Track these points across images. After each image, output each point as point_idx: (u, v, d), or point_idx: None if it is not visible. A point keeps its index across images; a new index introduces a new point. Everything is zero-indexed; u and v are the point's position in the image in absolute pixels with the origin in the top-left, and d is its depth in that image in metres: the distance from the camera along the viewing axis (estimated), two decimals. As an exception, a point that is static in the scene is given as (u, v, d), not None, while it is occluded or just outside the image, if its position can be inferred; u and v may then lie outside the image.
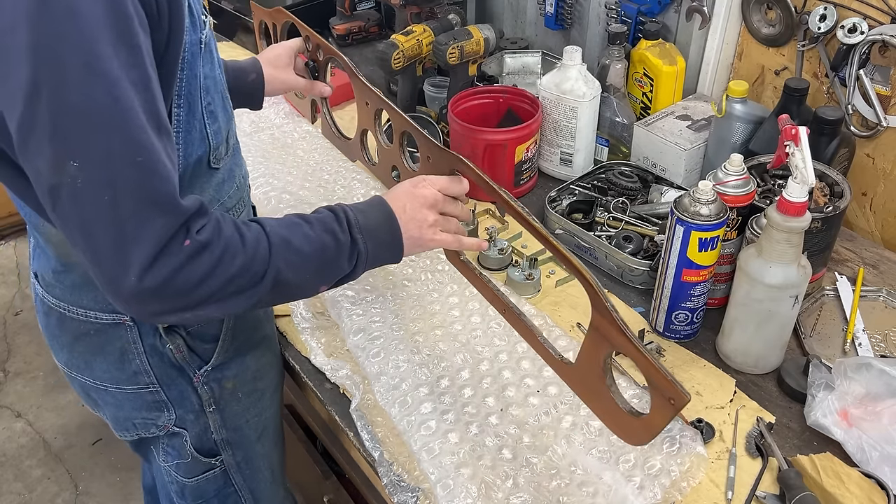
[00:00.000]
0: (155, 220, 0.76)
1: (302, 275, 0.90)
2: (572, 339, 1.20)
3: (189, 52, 0.85)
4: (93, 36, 0.70)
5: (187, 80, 0.86)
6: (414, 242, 1.01)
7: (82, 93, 0.70)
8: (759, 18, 1.51)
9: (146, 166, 0.75)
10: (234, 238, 0.83)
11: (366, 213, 0.98)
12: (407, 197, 1.02)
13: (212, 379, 1.10)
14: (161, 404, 1.08)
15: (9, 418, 2.53)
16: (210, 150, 0.94)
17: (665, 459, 0.99)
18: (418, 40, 1.65)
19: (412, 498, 0.99)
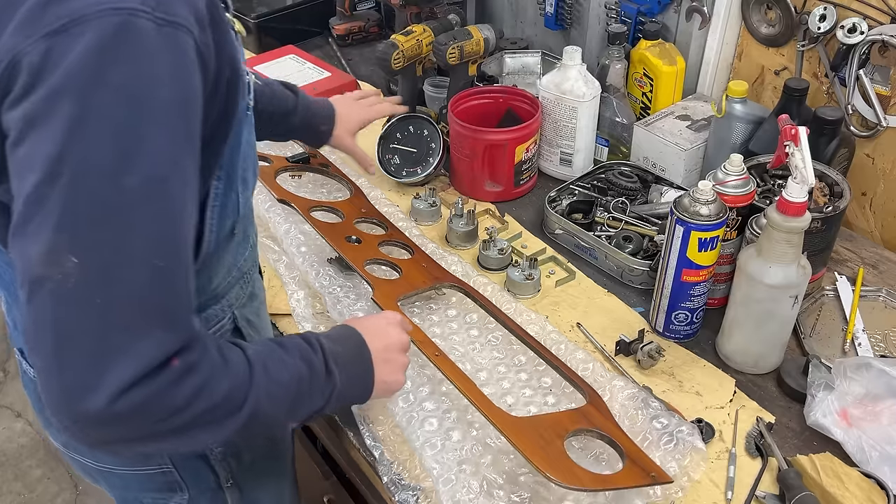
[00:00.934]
0: (152, 335, 0.65)
1: (277, 407, 0.79)
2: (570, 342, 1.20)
3: (236, 121, 0.78)
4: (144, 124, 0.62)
5: (231, 150, 0.79)
6: (384, 387, 0.94)
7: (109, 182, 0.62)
8: (758, 18, 1.51)
9: (165, 273, 0.65)
10: (218, 360, 0.73)
11: (340, 343, 0.89)
12: (385, 336, 0.95)
13: (229, 454, 1.01)
14: (174, 485, 1.00)
15: (9, 418, 2.53)
16: (237, 220, 0.86)
17: (663, 456, 0.99)
18: (418, 40, 1.65)
19: (413, 496, 0.99)
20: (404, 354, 0.98)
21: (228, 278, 0.93)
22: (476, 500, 0.95)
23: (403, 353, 0.98)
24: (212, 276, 0.89)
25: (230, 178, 0.81)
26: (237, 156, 0.81)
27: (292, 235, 1.37)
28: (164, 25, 0.63)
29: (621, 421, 1.02)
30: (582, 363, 1.13)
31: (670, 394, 1.12)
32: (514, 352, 1.17)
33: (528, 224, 1.48)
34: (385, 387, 0.94)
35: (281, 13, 2.15)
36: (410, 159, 1.54)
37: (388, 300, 1.18)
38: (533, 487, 0.98)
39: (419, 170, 1.55)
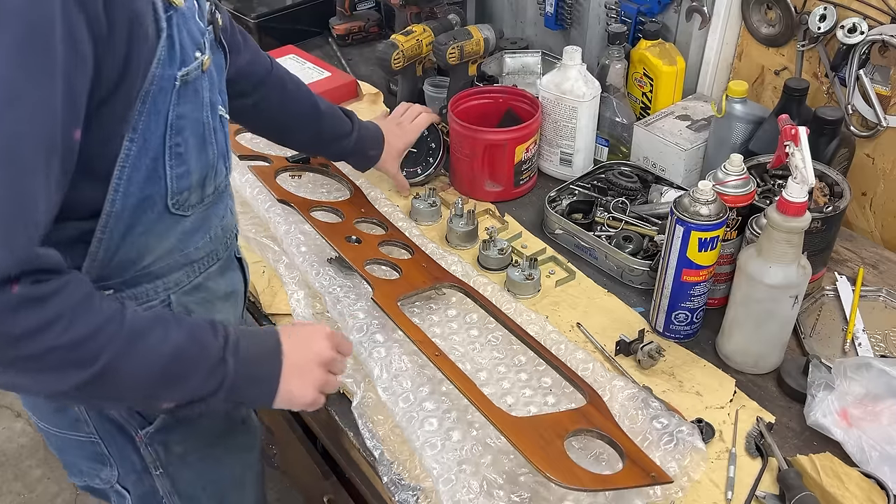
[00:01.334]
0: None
1: (144, 375, 0.78)
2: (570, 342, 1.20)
3: (156, 87, 0.78)
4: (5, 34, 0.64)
5: (147, 115, 0.79)
6: (288, 397, 0.90)
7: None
8: (758, 18, 1.51)
9: (8, 185, 0.66)
10: (78, 307, 0.72)
11: (250, 338, 0.88)
12: (303, 347, 0.92)
13: (156, 441, 1.00)
14: (102, 457, 1.01)
15: (9, 418, 2.53)
16: (168, 194, 0.85)
17: (663, 456, 0.99)
18: (418, 40, 1.65)
19: (413, 496, 0.99)
20: (321, 370, 0.93)
21: (168, 260, 0.91)
22: (476, 500, 0.95)
23: (321, 369, 0.93)
24: (143, 252, 0.87)
25: (146, 144, 0.81)
26: (157, 124, 0.81)
27: (292, 235, 1.37)
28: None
29: (621, 421, 1.02)
30: (582, 363, 1.13)
31: (670, 394, 1.12)
32: (514, 352, 1.17)
33: (528, 224, 1.48)
34: (289, 397, 0.90)
35: (281, 13, 2.15)
36: (410, 159, 1.54)
37: (388, 300, 1.18)
38: (533, 487, 0.98)
39: (419, 170, 1.55)
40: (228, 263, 1.05)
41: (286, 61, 1.97)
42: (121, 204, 0.82)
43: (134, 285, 0.89)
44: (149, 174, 0.83)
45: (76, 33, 0.68)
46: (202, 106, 0.87)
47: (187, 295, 0.96)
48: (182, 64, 0.81)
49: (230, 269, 1.06)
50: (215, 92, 0.92)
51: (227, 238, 1.03)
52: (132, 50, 0.74)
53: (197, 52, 0.84)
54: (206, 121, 0.88)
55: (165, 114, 0.81)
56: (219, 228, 0.99)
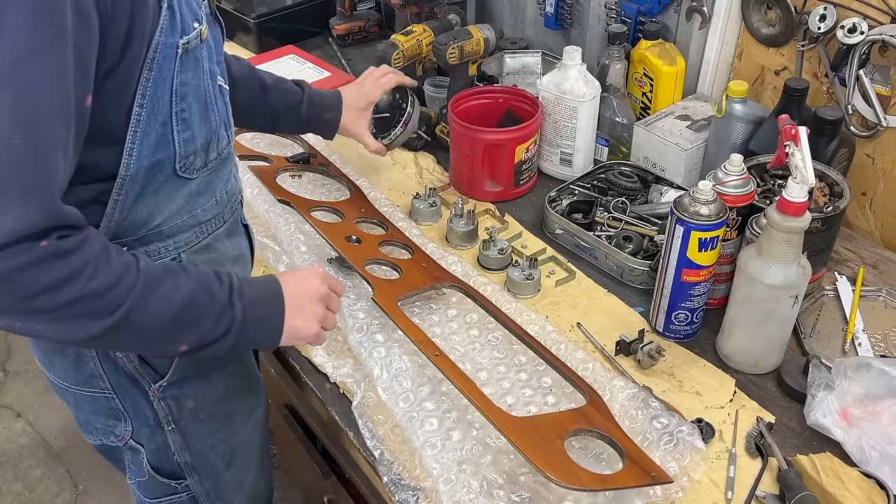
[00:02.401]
0: (14, 209, 0.70)
1: (160, 322, 0.83)
2: (570, 342, 1.20)
3: (160, 55, 0.83)
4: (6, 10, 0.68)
5: (154, 82, 0.84)
6: (294, 333, 0.96)
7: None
8: (758, 18, 1.51)
9: (23, 151, 0.70)
10: (99, 257, 0.78)
11: (252, 284, 0.93)
12: (299, 285, 0.98)
13: (168, 395, 1.04)
14: (117, 412, 1.05)
15: (9, 418, 2.53)
16: (176, 157, 0.90)
17: (663, 456, 0.99)
18: (418, 40, 1.65)
19: (413, 496, 0.99)
20: (320, 305, 0.99)
21: (177, 220, 0.96)
22: (476, 500, 0.95)
23: (319, 304, 0.99)
24: (153, 213, 0.92)
25: (155, 109, 0.85)
26: (164, 90, 0.85)
27: (292, 235, 1.37)
28: None
29: (621, 421, 1.02)
30: (582, 363, 1.13)
31: (670, 394, 1.12)
32: (514, 352, 1.17)
33: (528, 224, 1.48)
34: (294, 332, 0.96)
35: (281, 13, 2.15)
36: (382, 123, 1.52)
37: (388, 300, 1.18)
38: (533, 487, 0.98)
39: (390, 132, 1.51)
40: (235, 227, 1.09)
41: (286, 61, 1.97)
42: (135, 167, 0.87)
43: (147, 243, 0.94)
44: (159, 139, 0.88)
45: (84, 6, 0.72)
46: (203, 74, 0.91)
47: (196, 254, 1.01)
48: (182, 33, 0.86)
49: (237, 234, 1.10)
50: (214, 62, 0.96)
51: (232, 202, 1.07)
52: (134, 22, 0.78)
53: (195, 22, 0.88)
54: (206, 88, 0.93)
55: (171, 80, 0.86)
56: (223, 192, 1.03)
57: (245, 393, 1.17)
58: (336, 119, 1.41)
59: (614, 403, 1.06)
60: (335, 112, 1.40)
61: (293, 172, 1.58)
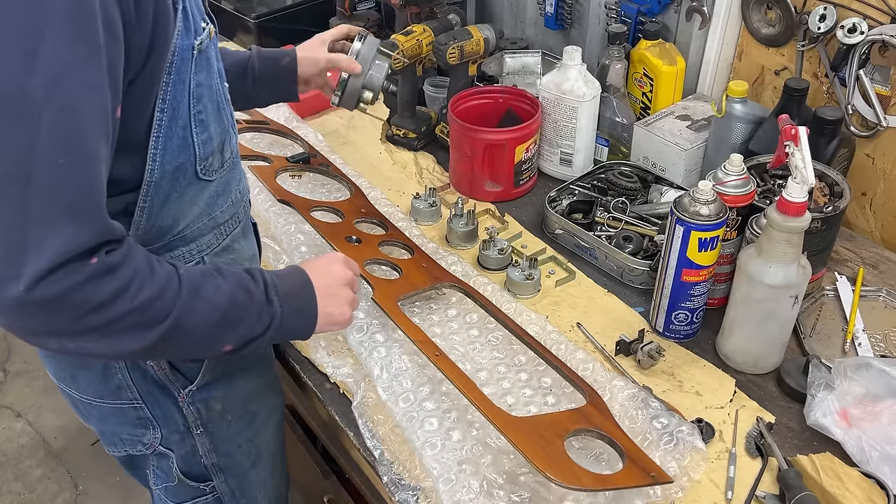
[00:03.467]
0: (64, 228, 0.70)
1: (206, 325, 0.84)
2: (570, 342, 1.20)
3: (178, 58, 0.83)
4: (46, 25, 0.67)
5: (174, 86, 0.84)
6: (329, 319, 0.99)
7: (15, 80, 0.67)
8: (758, 18, 1.51)
9: (70, 170, 0.70)
10: (144, 269, 0.78)
11: (283, 278, 0.95)
12: (327, 273, 1.00)
13: (198, 399, 1.05)
14: (146, 421, 1.05)
15: (9, 418, 2.53)
16: (197, 160, 0.91)
17: (663, 456, 1.00)
18: (418, 40, 1.65)
19: (413, 496, 0.99)
20: (348, 289, 1.02)
21: (199, 224, 0.97)
22: (476, 500, 0.95)
23: (347, 288, 1.02)
24: (178, 218, 0.93)
25: (175, 113, 0.86)
26: (182, 93, 0.86)
27: (292, 235, 1.37)
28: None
29: (621, 421, 1.02)
30: (582, 363, 1.13)
31: (670, 394, 1.12)
32: (514, 352, 1.17)
33: (528, 224, 1.48)
34: (329, 318, 0.99)
35: (281, 13, 2.15)
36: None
37: (388, 300, 1.18)
38: (533, 487, 0.98)
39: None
40: (247, 226, 1.10)
41: (286, 61, 1.97)
42: (159, 173, 0.87)
43: (171, 249, 0.95)
44: (181, 142, 0.88)
45: (112, 18, 0.72)
46: (214, 73, 0.92)
47: (218, 257, 1.02)
48: (195, 34, 0.86)
49: (249, 233, 1.12)
50: (220, 60, 0.97)
51: (244, 201, 1.08)
52: (157, 29, 0.78)
53: (203, 21, 0.89)
54: (217, 87, 0.93)
55: (188, 83, 0.86)
56: (237, 192, 1.04)
57: (267, 392, 1.18)
58: (293, 64, 1.32)
59: (614, 403, 1.06)
60: (290, 58, 1.32)
61: (293, 172, 1.58)
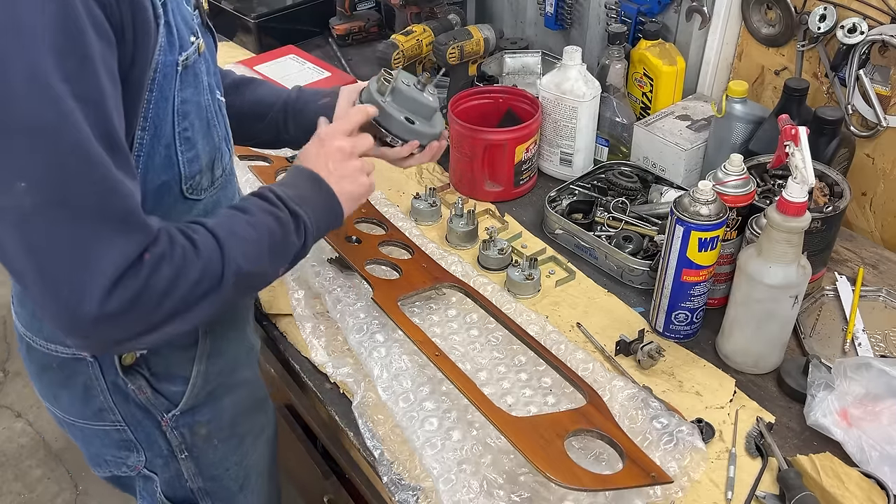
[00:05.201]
0: (118, 239, 0.72)
1: (259, 262, 0.86)
2: (570, 342, 1.20)
3: (160, 74, 0.81)
4: (35, 48, 0.66)
5: (156, 103, 0.82)
6: (350, 197, 1.00)
7: (27, 108, 0.66)
8: (758, 18, 1.51)
9: (104, 184, 0.71)
10: (186, 244, 0.79)
11: (293, 185, 0.95)
12: (324, 157, 0.99)
13: (182, 424, 1.03)
14: (129, 444, 1.03)
15: (9, 418, 2.53)
16: (182, 179, 0.89)
17: (663, 456, 1.00)
18: (418, 40, 1.65)
19: (413, 496, 0.99)
20: (353, 159, 1.01)
21: None
22: (476, 500, 0.95)
23: (352, 159, 1.00)
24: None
25: (158, 131, 0.84)
26: (165, 111, 0.83)
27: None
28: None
29: (621, 421, 1.02)
30: (582, 363, 1.13)
31: (670, 394, 1.12)
32: (514, 352, 1.17)
33: (528, 224, 1.48)
34: (352, 197, 1.00)
35: (281, 13, 2.15)
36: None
37: (388, 300, 1.18)
38: (533, 487, 0.98)
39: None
40: None
41: (286, 61, 1.97)
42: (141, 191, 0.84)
43: None
44: (163, 161, 0.86)
45: (101, 24, 0.71)
46: (203, 90, 0.89)
47: None
48: (181, 49, 0.83)
49: None
50: (212, 76, 0.94)
51: None
52: (137, 38, 0.76)
53: (191, 36, 0.86)
54: (207, 104, 0.91)
55: (172, 100, 0.84)
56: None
57: (255, 413, 1.16)
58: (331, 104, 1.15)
59: (614, 403, 1.06)
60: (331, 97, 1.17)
61: None
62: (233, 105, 1.13)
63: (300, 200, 0.92)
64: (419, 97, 1.12)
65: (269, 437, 1.22)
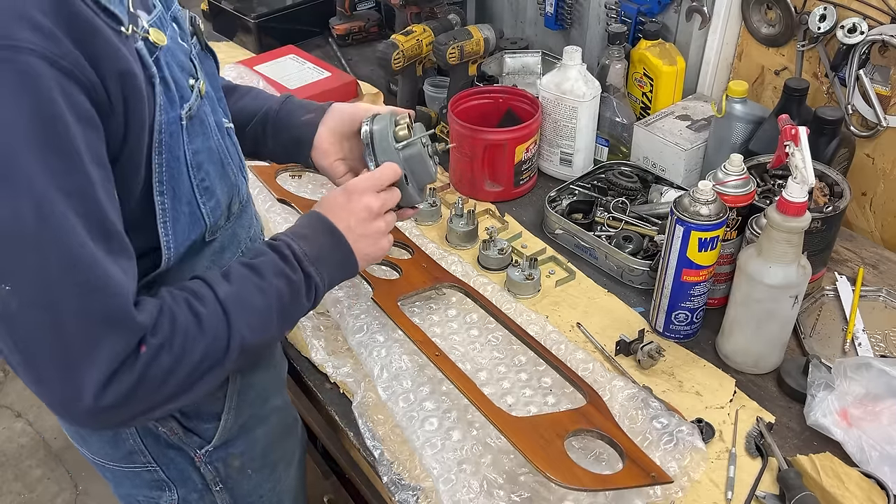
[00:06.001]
0: (106, 339, 0.70)
1: (266, 331, 0.84)
2: (570, 342, 1.20)
3: (167, 134, 0.77)
4: (12, 147, 0.64)
5: (168, 164, 0.78)
6: (366, 257, 0.97)
7: (5, 211, 0.64)
8: (758, 18, 1.51)
9: (89, 284, 0.68)
10: (189, 323, 0.77)
11: (310, 240, 0.91)
12: (348, 213, 0.94)
13: (216, 458, 1.02)
14: (161, 483, 1.01)
15: (9, 418, 2.53)
16: (207, 229, 0.87)
17: (663, 456, 1.00)
18: (418, 40, 1.65)
19: (413, 496, 0.99)
20: (378, 220, 0.97)
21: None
22: (476, 500, 0.95)
23: (376, 219, 0.97)
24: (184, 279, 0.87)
25: (177, 192, 0.81)
26: (178, 169, 0.80)
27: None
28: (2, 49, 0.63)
29: (621, 421, 1.02)
30: (582, 363, 1.13)
31: (670, 394, 1.12)
32: (514, 352, 1.17)
33: (528, 224, 1.48)
34: (368, 258, 0.97)
35: (281, 13, 2.15)
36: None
37: (388, 300, 1.18)
38: (533, 487, 0.98)
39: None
40: None
41: (286, 61, 1.97)
42: (175, 253, 0.84)
43: None
44: (189, 219, 0.84)
45: (82, 108, 0.68)
46: (211, 132, 0.86)
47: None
48: (182, 101, 0.80)
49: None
50: (217, 109, 0.90)
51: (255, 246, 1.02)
52: (129, 107, 0.73)
53: (190, 79, 0.82)
54: (217, 145, 0.88)
55: (183, 156, 0.81)
56: (247, 240, 0.99)
57: (287, 438, 1.15)
58: (315, 122, 1.09)
59: (614, 403, 1.06)
60: (315, 113, 1.10)
61: (293, 172, 1.58)
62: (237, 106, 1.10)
63: (316, 259, 0.90)
64: (427, 166, 1.06)
65: (300, 459, 1.21)
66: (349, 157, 1.12)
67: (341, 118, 1.09)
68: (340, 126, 1.09)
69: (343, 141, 1.10)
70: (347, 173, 1.11)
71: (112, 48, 0.69)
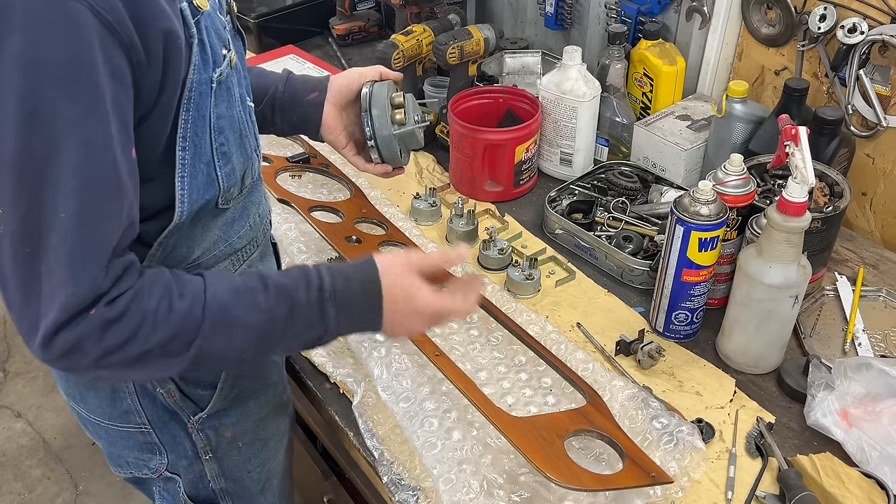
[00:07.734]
0: (64, 287, 0.71)
1: (237, 348, 0.81)
2: (570, 342, 1.20)
3: (196, 92, 0.80)
4: (42, 86, 0.67)
5: (193, 122, 0.81)
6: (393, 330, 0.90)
7: (18, 142, 0.67)
8: (759, 18, 1.51)
9: (72, 228, 0.70)
10: (157, 311, 0.76)
11: (348, 282, 0.85)
12: (405, 298, 0.88)
13: (208, 426, 1.04)
14: (153, 446, 1.04)
15: (9, 418, 2.53)
16: (220, 193, 0.88)
17: (663, 456, 1.00)
18: (418, 40, 1.65)
19: (413, 496, 0.99)
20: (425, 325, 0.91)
21: (214, 251, 0.94)
22: (476, 500, 0.95)
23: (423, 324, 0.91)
24: (193, 247, 0.91)
25: (198, 149, 0.83)
26: (202, 128, 0.83)
27: (292, 235, 1.37)
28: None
29: (621, 421, 1.02)
30: (582, 363, 1.13)
31: (670, 394, 1.12)
32: (515, 352, 1.17)
33: (528, 224, 1.48)
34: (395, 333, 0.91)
35: (281, 13, 2.15)
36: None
37: (388, 300, 1.18)
38: (533, 487, 0.98)
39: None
40: (266, 249, 1.08)
41: (286, 61, 1.98)
42: (187, 211, 0.85)
43: None
44: (205, 179, 0.86)
45: (117, 65, 0.71)
46: (234, 102, 0.89)
47: None
48: (214, 65, 0.83)
49: (268, 255, 1.09)
50: (242, 83, 0.93)
51: (264, 224, 1.05)
52: (168, 65, 0.76)
53: (224, 49, 0.85)
54: (239, 115, 0.90)
55: (208, 117, 0.83)
56: (256, 216, 1.01)
57: (279, 416, 1.16)
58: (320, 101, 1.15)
59: (614, 403, 1.06)
60: (319, 91, 1.15)
61: (293, 172, 1.58)
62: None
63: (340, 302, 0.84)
64: (417, 134, 1.18)
65: (289, 440, 1.22)
66: (348, 123, 1.19)
67: (340, 91, 1.16)
68: (341, 100, 1.16)
69: (343, 112, 1.18)
70: (349, 143, 1.18)
71: (158, 8, 0.73)
